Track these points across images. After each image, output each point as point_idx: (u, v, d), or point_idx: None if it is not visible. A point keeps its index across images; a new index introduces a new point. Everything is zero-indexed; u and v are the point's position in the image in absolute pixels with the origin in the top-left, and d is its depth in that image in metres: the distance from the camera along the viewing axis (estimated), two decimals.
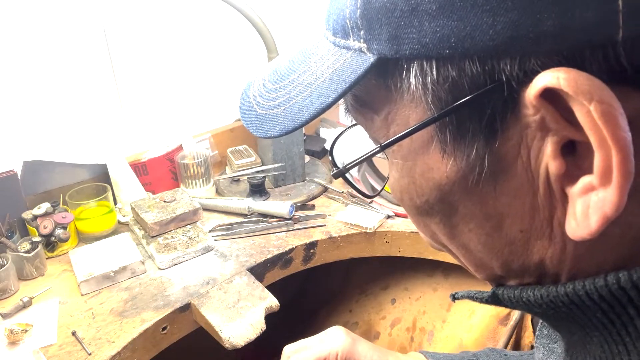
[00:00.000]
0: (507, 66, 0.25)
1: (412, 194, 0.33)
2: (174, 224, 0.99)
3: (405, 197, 0.34)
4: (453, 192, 0.31)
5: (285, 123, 0.34)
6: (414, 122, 0.30)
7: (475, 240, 0.33)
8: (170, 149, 1.16)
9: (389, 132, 0.32)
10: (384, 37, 0.28)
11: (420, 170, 0.32)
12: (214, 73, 1.38)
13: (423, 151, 0.31)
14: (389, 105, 0.31)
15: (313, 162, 1.30)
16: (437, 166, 0.30)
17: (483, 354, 0.65)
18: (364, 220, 1.03)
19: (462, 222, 0.32)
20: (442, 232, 0.34)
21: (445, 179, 0.30)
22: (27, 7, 1.01)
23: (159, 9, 1.21)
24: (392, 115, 0.31)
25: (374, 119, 0.33)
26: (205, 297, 0.84)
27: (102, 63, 1.15)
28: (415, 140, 0.31)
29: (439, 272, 1.13)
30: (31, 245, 0.92)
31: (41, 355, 0.73)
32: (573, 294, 0.29)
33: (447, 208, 0.32)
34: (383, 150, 0.32)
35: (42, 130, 1.09)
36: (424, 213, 0.34)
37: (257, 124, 0.37)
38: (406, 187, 0.33)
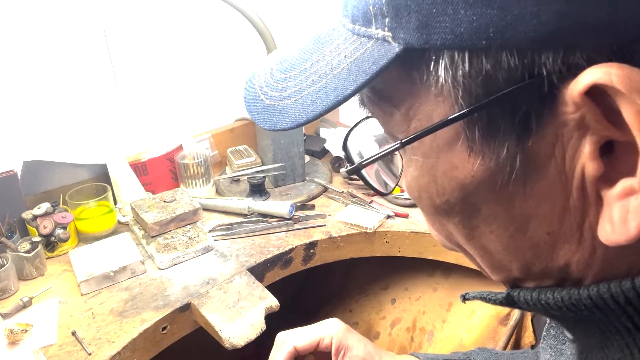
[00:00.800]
0: (548, 60, 0.24)
1: (432, 193, 0.32)
2: (174, 224, 0.99)
3: (423, 196, 0.33)
4: (478, 192, 0.29)
5: (296, 115, 0.32)
6: (438, 118, 0.28)
7: (496, 242, 0.31)
8: (170, 149, 1.16)
9: (410, 127, 0.30)
10: (412, 26, 0.26)
11: (443, 169, 0.30)
12: (214, 73, 1.38)
13: (447, 149, 0.29)
14: (411, 99, 0.29)
15: (313, 162, 1.30)
16: (462, 165, 0.29)
17: (474, 353, 0.65)
18: (364, 220, 1.03)
19: (483, 223, 0.31)
20: (460, 233, 0.33)
21: (470, 179, 0.29)
22: (27, 8, 1.01)
23: (158, 10, 1.21)
24: (414, 109, 0.29)
25: (393, 113, 0.31)
26: (205, 297, 0.84)
27: (102, 63, 1.15)
28: (439, 137, 0.29)
29: (439, 272, 1.13)
30: (31, 245, 0.92)
31: (41, 355, 0.73)
32: (597, 296, 0.27)
33: (469, 208, 0.31)
34: (403, 147, 0.30)
35: (42, 130, 1.09)
36: (443, 213, 0.33)
37: (264, 116, 0.34)
38: (425, 186, 0.32)
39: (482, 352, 0.66)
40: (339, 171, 1.23)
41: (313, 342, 0.62)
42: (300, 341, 0.62)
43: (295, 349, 0.61)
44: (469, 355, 0.65)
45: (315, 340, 0.62)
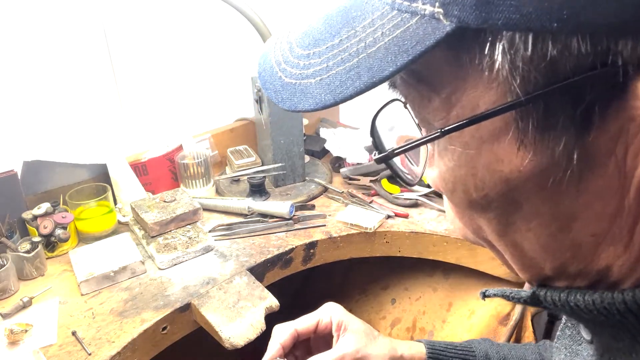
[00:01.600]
0: (626, 47, 0.21)
1: (469, 186, 0.29)
2: (174, 224, 0.99)
3: (458, 188, 0.30)
4: (523, 188, 0.27)
5: (321, 97, 0.29)
6: (485, 106, 0.26)
7: (532, 240, 0.30)
8: (170, 149, 1.16)
9: (450, 114, 0.28)
10: (469, 2, 0.23)
11: (486, 162, 0.28)
12: (214, 73, 1.38)
13: (492, 140, 0.27)
14: (455, 84, 0.27)
15: (313, 162, 1.30)
16: (508, 159, 0.26)
17: (475, 342, 0.65)
18: (364, 220, 1.03)
19: (522, 220, 0.29)
20: (493, 229, 0.31)
21: (516, 174, 0.27)
22: (27, 8, 1.01)
23: (158, 10, 1.21)
24: (458, 95, 0.27)
25: (431, 98, 0.28)
26: (205, 297, 0.84)
27: (102, 63, 1.15)
28: (483, 127, 0.27)
29: (439, 272, 1.13)
30: (31, 245, 0.92)
31: (41, 355, 0.73)
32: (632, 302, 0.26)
33: (509, 204, 0.29)
34: (443, 137, 0.28)
35: (42, 130, 1.09)
36: (477, 208, 0.30)
37: (283, 95, 0.31)
38: (462, 179, 0.29)
39: (483, 342, 0.65)
40: (339, 171, 1.23)
41: (312, 323, 0.62)
42: (300, 324, 0.62)
43: (295, 331, 0.62)
44: (470, 343, 0.65)
45: (314, 321, 0.62)
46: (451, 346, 0.64)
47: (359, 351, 0.59)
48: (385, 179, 1.15)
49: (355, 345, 0.59)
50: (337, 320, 0.62)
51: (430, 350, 0.63)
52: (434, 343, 0.64)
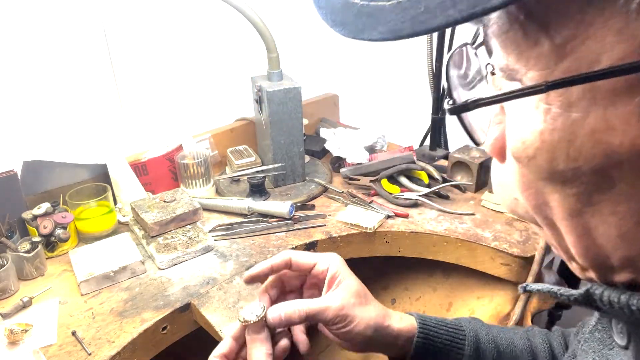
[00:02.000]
0: None
1: (559, 155, 0.25)
2: (174, 224, 0.99)
3: (542, 156, 0.26)
4: (627, 166, 0.24)
5: (397, 24, 0.23)
6: (610, 61, 0.22)
7: (611, 225, 0.26)
8: (170, 149, 1.16)
9: (558, 66, 0.24)
10: None
11: (590, 129, 0.23)
12: (214, 73, 1.38)
13: (607, 104, 0.23)
14: (576, 28, 0.22)
15: (313, 162, 1.30)
16: (623, 128, 0.22)
17: (464, 320, 0.64)
18: (364, 220, 1.03)
19: (608, 201, 0.25)
20: (567, 207, 0.27)
21: (627, 148, 0.23)
22: (27, 8, 1.01)
23: (158, 10, 1.21)
24: (576, 43, 0.23)
25: (540, 41, 0.24)
26: (205, 297, 0.84)
27: (102, 63, 1.15)
28: (599, 86, 0.22)
29: (439, 272, 1.13)
30: (31, 245, 0.92)
31: (41, 355, 0.73)
32: None
33: (601, 182, 0.25)
34: (546, 92, 0.24)
35: (42, 130, 1.09)
36: (558, 180, 0.26)
37: (344, 17, 0.25)
38: (551, 145, 0.25)
39: (473, 321, 0.64)
40: (339, 171, 1.22)
41: (309, 262, 0.60)
42: (297, 256, 0.60)
43: (290, 259, 0.60)
44: (460, 321, 0.63)
45: (311, 261, 0.60)
46: (442, 323, 0.62)
47: (343, 308, 0.56)
48: (385, 179, 1.15)
49: (342, 302, 0.56)
50: (334, 272, 0.59)
51: (422, 325, 0.61)
52: (426, 319, 0.62)
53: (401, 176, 1.15)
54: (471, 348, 0.61)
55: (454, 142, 1.34)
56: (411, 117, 1.54)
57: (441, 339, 0.61)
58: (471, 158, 1.12)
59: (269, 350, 0.53)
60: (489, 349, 0.61)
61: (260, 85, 1.11)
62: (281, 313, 0.55)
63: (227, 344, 0.55)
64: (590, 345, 0.40)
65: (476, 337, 0.62)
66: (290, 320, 0.55)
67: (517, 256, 0.92)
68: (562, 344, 0.64)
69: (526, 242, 0.95)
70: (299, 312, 0.55)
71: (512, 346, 0.63)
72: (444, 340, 0.61)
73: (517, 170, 0.29)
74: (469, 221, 1.03)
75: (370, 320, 0.57)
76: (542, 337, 0.64)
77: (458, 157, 1.14)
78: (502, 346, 0.62)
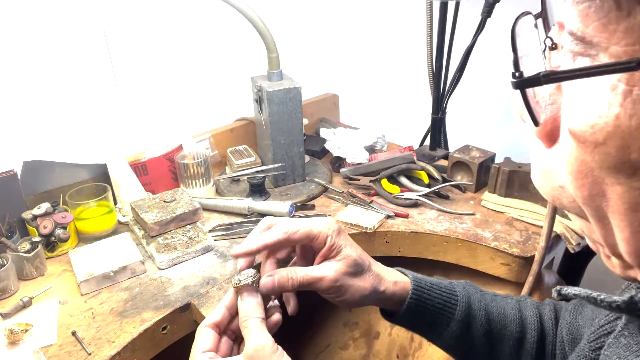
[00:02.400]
0: None
1: (634, 142, 0.23)
2: (174, 224, 0.99)
3: (612, 143, 0.24)
4: None
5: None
6: None
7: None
8: (170, 149, 1.16)
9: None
10: None
11: None
12: (214, 73, 1.38)
13: None
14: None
15: (313, 162, 1.30)
16: None
17: (459, 286, 0.64)
18: (364, 220, 1.03)
19: None
20: (626, 200, 0.26)
21: None
22: (29, 9, 1.01)
23: (158, 10, 1.21)
24: None
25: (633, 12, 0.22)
26: (205, 297, 0.84)
27: (103, 64, 1.16)
28: None
29: (439, 272, 1.13)
30: (31, 245, 0.92)
31: (41, 355, 0.73)
32: None
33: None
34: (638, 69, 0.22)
35: (42, 130, 1.09)
36: (625, 171, 0.25)
37: None
38: (628, 131, 0.23)
39: (467, 285, 0.65)
40: (339, 171, 1.22)
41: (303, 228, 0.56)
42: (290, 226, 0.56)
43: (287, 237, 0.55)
44: (453, 285, 0.64)
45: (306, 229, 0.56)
46: (436, 287, 0.62)
47: (338, 280, 0.56)
48: (385, 179, 1.15)
49: (337, 274, 0.56)
50: (333, 242, 0.57)
51: (415, 287, 0.61)
52: (420, 281, 0.62)
53: (401, 176, 1.16)
54: (462, 313, 0.61)
55: (454, 142, 1.34)
56: (411, 117, 1.54)
57: (433, 302, 0.61)
58: (471, 158, 1.12)
59: (262, 314, 0.52)
60: (479, 316, 0.62)
61: (260, 85, 1.11)
62: (274, 279, 0.55)
63: (220, 313, 0.55)
64: (615, 350, 0.39)
65: (468, 304, 0.62)
66: (283, 287, 0.55)
67: (517, 256, 0.92)
68: (553, 317, 0.65)
69: (526, 242, 0.95)
70: (292, 281, 0.55)
71: (502, 315, 0.63)
72: (435, 303, 0.61)
73: (574, 156, 0.27)
74: (469, 221, 1.03)
75: (364, 291, 0.58)
76: (533, 310, 0.65)
77: (458, 157, 1.14)
78: (493, 314, 0.63)
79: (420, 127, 1.42)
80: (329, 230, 0.57)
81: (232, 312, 0.55)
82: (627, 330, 0.38)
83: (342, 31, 1.61)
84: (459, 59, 1.22)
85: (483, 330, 0.62)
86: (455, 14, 1.21)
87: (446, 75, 1.27)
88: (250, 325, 0.51)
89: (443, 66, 1.25)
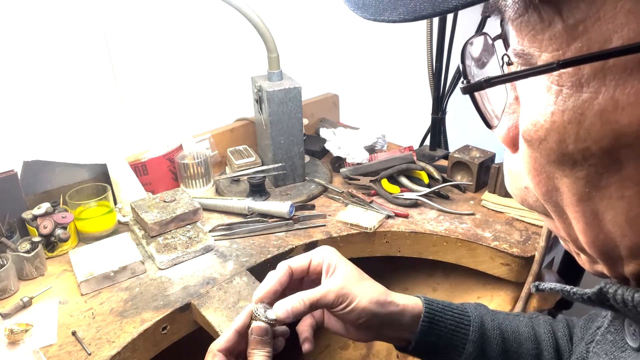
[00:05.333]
0: None
1: (568, 135, 0.25)
2: (174, 224, 0.99)
3: (552, 137, 0.26)
4: (635, 147, 0.24)
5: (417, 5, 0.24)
6: (621, 41, 0.22)
7: (619, 211, 0.26)
8: (170, 149, 1.16)
9: (570, 46, 0.24)
10: None
11: (601, 108, 0.24)
12: (214, 73, 1.38)
13: (617, 83, 0.23)
14: (588, 9, 0.23)
15: (313, 162, 1.30)
16: (632, 108, 0.23)
17: (471, 307, 0.64)
18: (364, 220, 1.03)
19: (617, 185, 0.25)
20: (576, 191, 0.27)
21: (635, 128, 0.23)
22: (29, 10, 1.01)
23: (158, 10, 1.21)
24: (588, 24, 0.23)
25: (553, 23, 0.24)
26: (205, 297, 0.84)
27: (103, 64, 1.16)
28: (610, 66, 0.23)
29: (439, 272, 1.13)
30: (31, 245, 0.92)
31: (41, 355, 0.73)
32: None
33: (609, 164, 0.25)
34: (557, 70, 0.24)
35: (42, 130, 1.09)
36: (567, 163, 0.27)
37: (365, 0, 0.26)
38: (561, 125, 0.25)
39: (479, 307, 0.65)
40: (339, 171, 1.22)
41: (304, 262, 0.62)
42: (293, 262, 0.62)
43: (289, 267, 0.61)
44: (465, 307, 0.64)
45: (306, 260, 0.62)
46: (448, 308, 0.62)
47: (343, 288, 0.58)
48: (385, 179, 1.15)
49: (341, 283, 0.58)
50: (328, 262, 0.61)
51: (428, 308, 0.61)
52: (432, 302, 0.62)
53: (401, 176, 1.16)
54: (476, 333, 0.61)
55: (454, 142, 1.34)
56: (411, 117, 1.54)
57: (446, 324, 0.61)
58: (471, 158, 1.12)
59: (271, 353, 0.55)
60: (494, 336, 0.61)
61: (260, 85, 1.11)
62: (287, 307, 0.56)
63: (232, 338, 0.56)
64: (603, 347, 0.39)
65: (481, 323, 0.62)
66: (297, 311, 0.56)
67: (517, 256, 0.92)
68: (566, 333, 0.64)
69: (526, 242, 0.95)
70: (303, 302, 0.57)
71: (516, 333, 0.63)
72: (448, 325, 0.61)
73: (529, 155, 0.29)
74: (469, 221, 1.03)
75: (372, 295, 0.59)
76: (546, 327, 0.64)
77: (458, 157, 1.14)
78: (507, 333, 0.62)
79: (420, 127, 1.42)
80: (324, 253, 0.62)
81: (241, 336, 0.57)
82: (613, 327, 0.39)
83: (342, 31, 1.61)
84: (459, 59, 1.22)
85: (499, 350, 0.61)
86: (455, 14, 1.21)
87: (446, 75, 1.27)
88: None
89: (443, 66, 1.25)
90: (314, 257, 0.62)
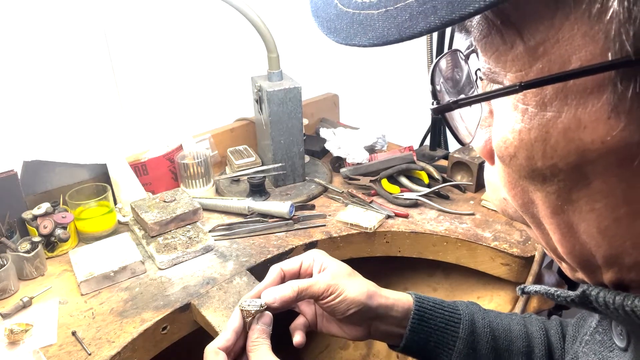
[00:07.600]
0: None
1: (536, 152, 0.26)
2: (174, 224, 0.99)
3: (521, 154, 0.27)
4: (600, 163, 0.24)
5: (385, 30, 0.25)
6: (579, 62, 0.23)
7: (591, 223, 0.27)
8: (170, 149, 1.16)
9: (532, 67, 0.25)
10: None
11: (563, 127, 0.24)
12: (214, 73, 1.38)
13: (578, 103, 0.23)
14: (547, 31, 0.23)
15: (313, 162, 1.30)
16: (593, 126, 0.23)
17: (462, 305, 0.65)
18: (364, 220, 1.03)
19: (587, 199, 0.26)
20: (549, 205, 0.28)
21: (598, 145, 0.23)
22: (29, 10, 1.01)
23: (158, 10, 1.21)
24: (548, 46, 0.24)
25: (515, 44, 0.25)
26: (205, 297, 0.84)
27: (103, 64, 1.16)
28: (571, 86, 0.23)
29: (439, 272, 1.13)
30: (31, 245, 0.92)
31: (41, 355, 0.73)
32: None
33: (577, 179, 0.26)
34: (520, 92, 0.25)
35: (42, 130, 1.09)
36: (538, 178, 0.27)
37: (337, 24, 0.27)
38: (529, 143, 0.26)
39: (471, 305, 0.65)
40: (339, 171, 1.22)
41: (296, 265, 0.65)
42: (285, 264, 0.65)
43: (281, 269, 0.64)
44: (456, 304, 0.64)
45: (297, 263, 0.65)
46: (439, 305, 0.63)
47: (333, 279, 0.61)
48: (385, 179, 1.15)
49: (331, 275, 0.61)
50: (320, 263, 0.64)
51: (418, 304, 0.63)
52: (423, 299, 0.64)
53: (401, 176, 1.16)
54: (466, 331, 0.61)
55: (453, 142, 1.33)
56: (411, 117, 1.54)
57: (436, 321, 0.62)
58: (471, 158, 1.12)
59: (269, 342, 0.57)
60: (484, 333, 0.62)
61: (260, 85, 1.11)
62: (275, 294, 0.59)
63: (231, 338, 0.57)
64: (591, 347, 0.40)
65: (472, 321, 0.62)
66: (285, 298, 0.59)
67: (517, 256, 0.92)
68: (559, 332, 0.64)
69: (526, 242, 0.95)
70: (291, 288, 0.59)
71: (507, 332, 0.63)
72: (438, 322, 0.62)
73: (503, 169, 0.30)
74: (469, 221, 1.03)
75: (362, 287, 0.61)
76: (539, 325, 0.65)
77: (458, 157, 1.14)
78: (498, 331, 0.63)
79: (420, 127, 1.42)
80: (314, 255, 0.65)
81: (238, 336, 0.58)
82: (601, 327, 0.40)
83: None
84: None
85: (490, 347, 0.61)
86: None
87: None
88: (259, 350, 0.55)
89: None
90: (304, 260, 0.65)
